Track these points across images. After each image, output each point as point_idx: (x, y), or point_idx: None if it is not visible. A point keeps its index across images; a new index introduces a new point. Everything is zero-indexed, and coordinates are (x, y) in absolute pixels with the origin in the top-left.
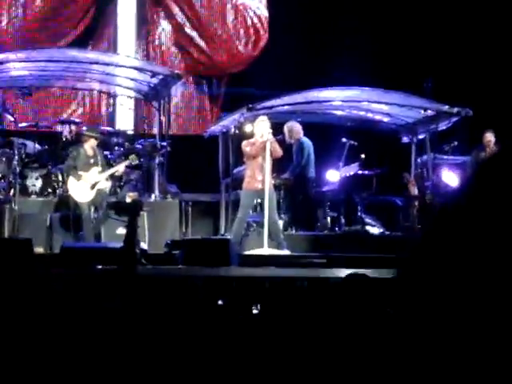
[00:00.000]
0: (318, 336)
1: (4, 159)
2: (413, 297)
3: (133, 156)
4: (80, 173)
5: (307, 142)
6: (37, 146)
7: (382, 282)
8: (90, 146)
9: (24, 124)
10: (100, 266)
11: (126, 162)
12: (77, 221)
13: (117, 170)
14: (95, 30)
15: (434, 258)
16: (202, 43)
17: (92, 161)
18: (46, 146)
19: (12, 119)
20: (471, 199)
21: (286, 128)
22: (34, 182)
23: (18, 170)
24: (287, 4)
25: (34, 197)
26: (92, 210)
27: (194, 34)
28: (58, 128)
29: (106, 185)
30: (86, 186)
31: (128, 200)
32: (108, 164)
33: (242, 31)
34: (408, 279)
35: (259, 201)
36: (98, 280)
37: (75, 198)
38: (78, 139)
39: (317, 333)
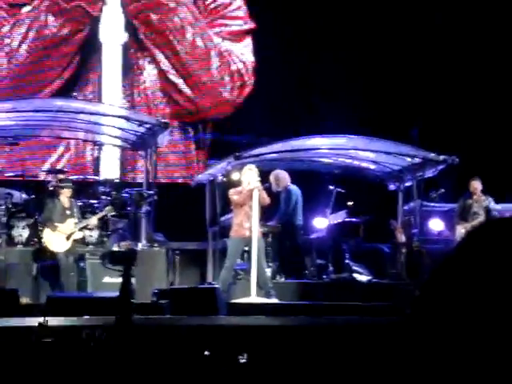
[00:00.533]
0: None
1: None
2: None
3: (109, 208)
4: (56, 224)
5: (295, 190)
6: (23, 195)
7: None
8: (65, 197)
9: (10, 174)
10: (87, 316)
11: (100, 215)
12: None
13: (88, 224)
14: (80, 76)
15: (437, 307)
16: (186, 90)
17: (68, 212)
18: (33, 196)
19: None
20: (465, 255)
21: (272, 176)
22: (21, 232)
23: (4, 219)
24: (273, 49)
25: (20, 246)
26: (71, 259)
27: (178, 80)
28: (45, 177)
29: (81, 236)
30: (61, 236)
31: (121, 249)
32: (92, 213)
33: (226, 77)
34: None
35: (247, 248)
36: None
37: (51, 248)
38: (52, 192)
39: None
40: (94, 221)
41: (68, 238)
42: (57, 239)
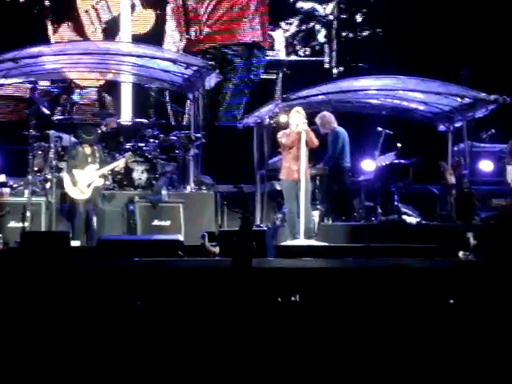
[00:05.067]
0: (365, 326)
1: (40, 153)
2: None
3: (128, 155)
4: (76, 171)
5: (342, 132)
6: (72, 138)
7: (424, 272)
8: (87, 144)
9: (60, 117)
10: (137, 259)
11: (126, 158)
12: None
13: (117, 165)
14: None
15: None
16: None
17: (90, 159)
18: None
19: (47, 112)
20: None
21: (318, 118)
22: None
23: (54, 163)
24: None
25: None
26: (89, 206)
27: None
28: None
29: (102, 182)
30: (81, 184)
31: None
32: (140, 156)
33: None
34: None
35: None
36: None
37: (71, 195)
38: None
39: (363, 323)
40: (122, 163)
41: (88, 185)
42: (77, 186)
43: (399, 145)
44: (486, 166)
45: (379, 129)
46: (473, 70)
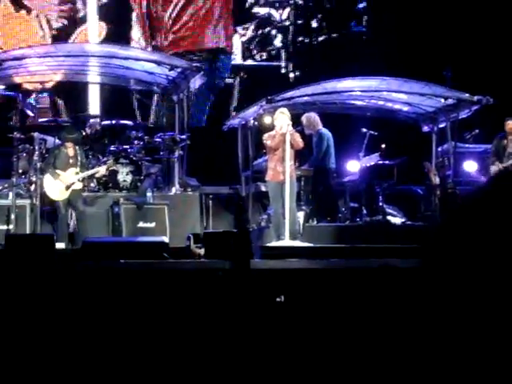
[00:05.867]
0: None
1: (25, 155)
2: (437, 283)
3: (110, 162)
4: (57, 171)
5: (326, 133)
6: (57, 141)
7: (411, 272)
8: (71, 145)
9: (44, 119)
10: (122, 261)
11: (108, 164)
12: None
13: (97, 171)
14: None
15: (453, 248)
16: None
17: (71, 161)
18: None
19: (32, 114)
20: (489, 198)
21: (304, 119)
22: None
23: (38, 165)
24: None
25: None
26: (69, 208)
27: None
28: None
29: (81, 186)
30: (61, 185)
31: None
32: (125, 158)
33: None
34: (432, 266)
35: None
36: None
37: (50, 195)
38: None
39: (346, 323)
40: (103, 170)
41: (67, 187)
42: (56, 187)
43: (383, 146)
44: (470, 166)
45: (363, 130)
46: (456, 71)
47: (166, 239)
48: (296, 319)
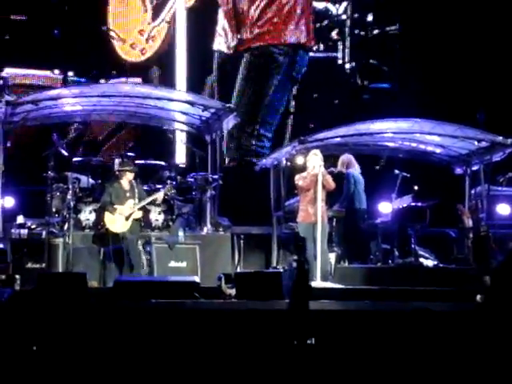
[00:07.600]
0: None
1: (58, 194)
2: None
3: (168, 187)
4: (115, 206)
5: (354, 174)
6: (90, 180)
7: (445, 315)
8: (126, 180)
9: (78, 159)
10: (154, 300)
11: (165, 190)
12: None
13: (156, 198)
14: None
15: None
16: None
17: (128, 194)
18: (100, 181)
19: (66, 154)
20: None
21: (341, 160)
22: (88, 216)
23: (72, 204)
24: None
25: (87, 231)
26: (134, 237)
27: None
28: (111, 162)
29: (141, 214)
30: (120, 217)
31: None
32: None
33: None
34: (493, 308)
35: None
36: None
37: (112, 229)
38: (116, 176)
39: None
40: (160, 195)
41: (127, 218)
42: (116, 220)
43: (416, 187)
44: (504, 209)
45: (396, 171)
46: (489, 114)
47: (197, 279)
48: (327, 361)
